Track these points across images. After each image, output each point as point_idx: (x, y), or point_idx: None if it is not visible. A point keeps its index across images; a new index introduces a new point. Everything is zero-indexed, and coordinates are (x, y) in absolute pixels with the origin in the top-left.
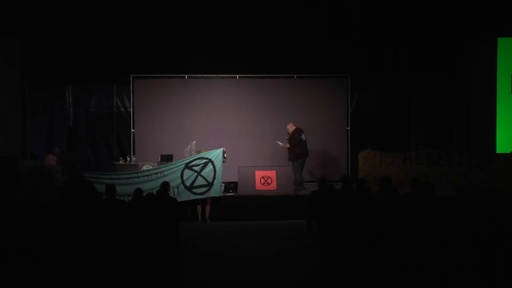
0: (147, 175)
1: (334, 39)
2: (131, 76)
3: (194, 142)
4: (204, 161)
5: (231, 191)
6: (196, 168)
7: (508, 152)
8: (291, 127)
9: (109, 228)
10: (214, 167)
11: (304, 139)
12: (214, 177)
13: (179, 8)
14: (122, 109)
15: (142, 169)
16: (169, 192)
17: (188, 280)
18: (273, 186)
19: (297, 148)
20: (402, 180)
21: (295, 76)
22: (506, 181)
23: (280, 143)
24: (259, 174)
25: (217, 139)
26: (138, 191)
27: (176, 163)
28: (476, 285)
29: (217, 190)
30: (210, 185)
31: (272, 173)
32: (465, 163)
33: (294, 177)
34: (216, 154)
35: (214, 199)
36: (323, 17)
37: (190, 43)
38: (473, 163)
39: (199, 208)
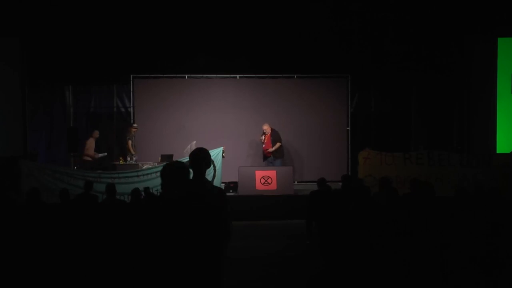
0: (147, 174)
1: (334, 39)
2: (131, 76)
3: (194, 142)
4: None
5: (231, 191)
6: None
7: (508, 152)
8: (267, 128)
9: (109, 228)
10: (214, 166)
11: None
12: (214, 176)
13: (179, 9)
14: (122, 109)
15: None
16: None
17: None
18: (273, 186)
19: (279, 148)
20: (402, 180)
21: (295, 76)
22: (506, 181)
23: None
24: (259, 174)
25: (217, 139)
26: (136, 191)
27: None
28: (476, 286)
29: None
30: None
31: (272, 173)
32: (466, 163)
33: None
34: (215, 154)
35: None
36: (323, 17)
37: (190, 43)
38: (474, 163)
39: None
